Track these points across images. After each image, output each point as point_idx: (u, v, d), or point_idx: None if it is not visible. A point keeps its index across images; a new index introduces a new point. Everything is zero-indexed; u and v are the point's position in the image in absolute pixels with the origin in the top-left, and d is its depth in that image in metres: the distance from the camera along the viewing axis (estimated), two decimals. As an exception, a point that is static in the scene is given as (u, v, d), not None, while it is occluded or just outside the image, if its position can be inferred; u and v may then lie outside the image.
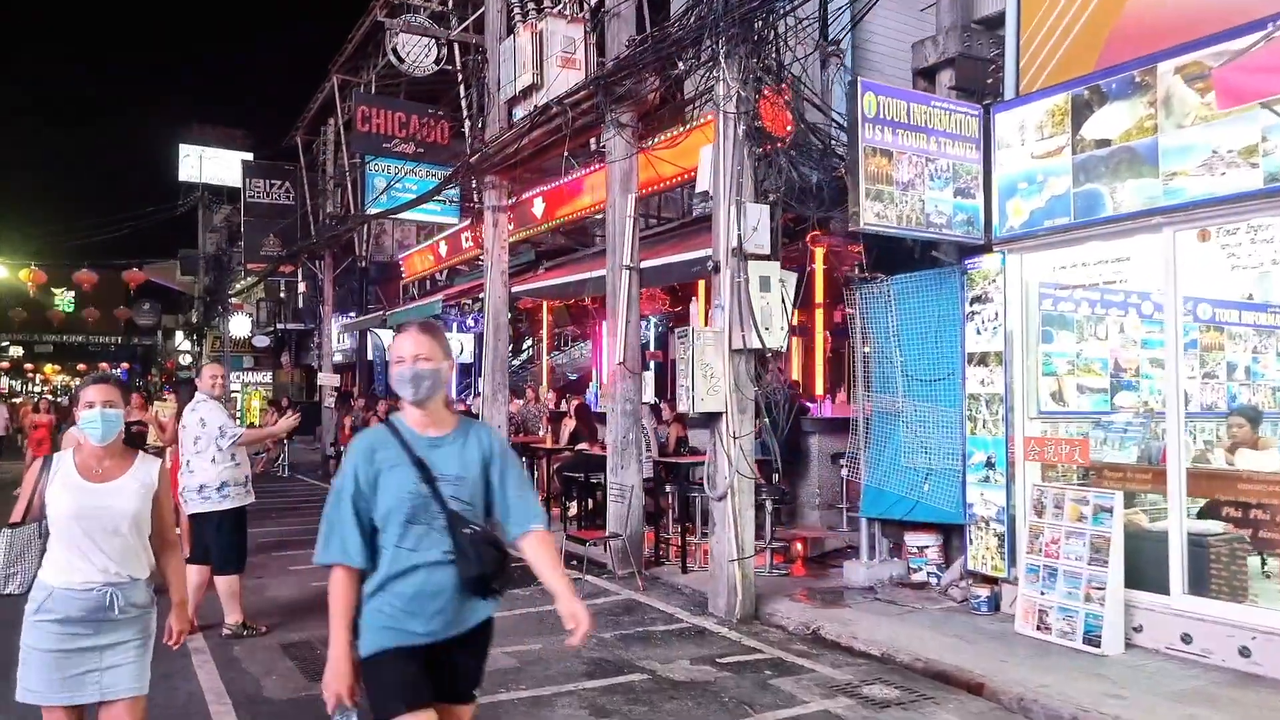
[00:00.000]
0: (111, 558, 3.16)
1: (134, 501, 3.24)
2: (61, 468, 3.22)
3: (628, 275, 8.63)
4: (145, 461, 3.35)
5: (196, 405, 6.56)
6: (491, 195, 11.40)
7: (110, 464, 3.25)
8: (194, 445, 6.44)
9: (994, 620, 6.68)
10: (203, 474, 6.42)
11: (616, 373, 8.70)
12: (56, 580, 3.13)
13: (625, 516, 8.43)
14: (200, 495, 6.42)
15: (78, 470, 3.21)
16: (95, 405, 3.21)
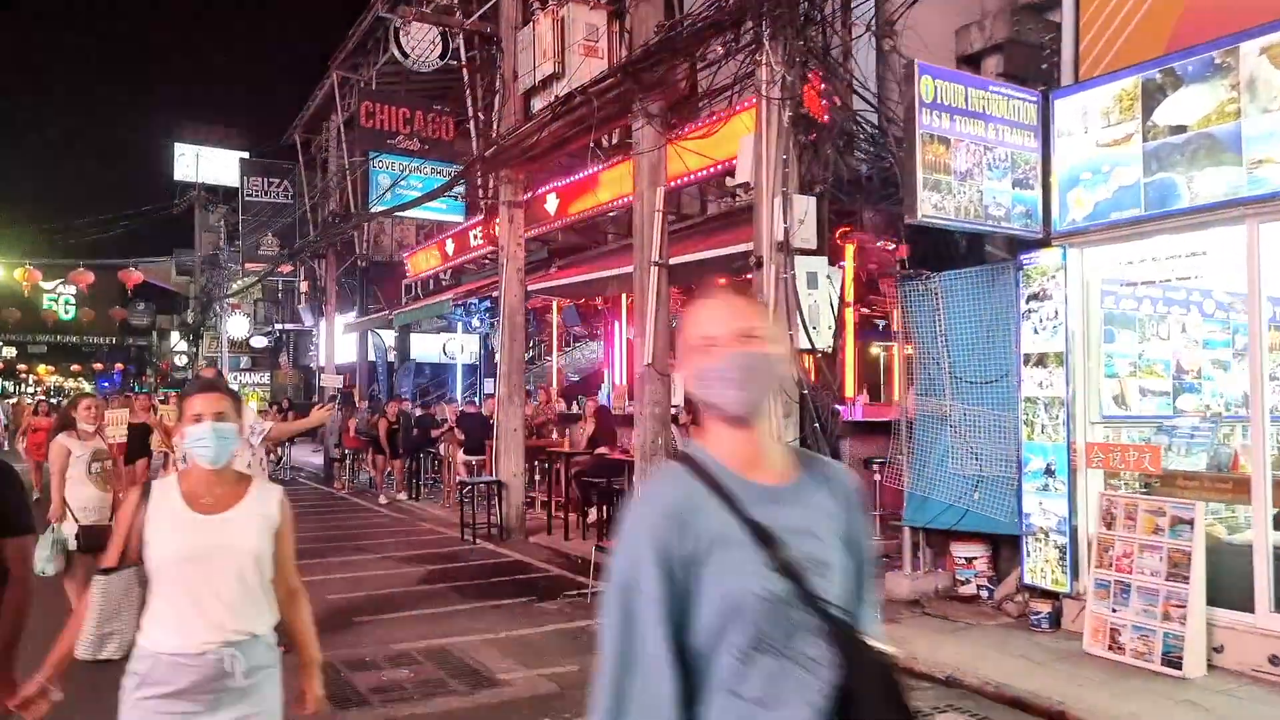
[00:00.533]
0: (231, 610, 2.52)
1: (256, 538, 2.59)
2: (164, 498, 2.59)
3: (656, 272, 8.23)
4: (263, 488, 2.72)
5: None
6: (506, 190, 10.98)
7: (222, 492, 2.62)
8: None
9: (1057, 638, 6.28)
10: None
11: (644, 375, 8.30)
12: (163, 643, 2.48)
13: (655, 525, 8.01)
14: None
15: (184, 500, 2.59)
16: (204, 419, 2.57)
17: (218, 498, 2.60)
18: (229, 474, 2.64)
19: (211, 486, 2.60)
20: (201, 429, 2.56)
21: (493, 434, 13.38)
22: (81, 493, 6.74)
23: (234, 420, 2.62)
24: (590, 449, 10.82)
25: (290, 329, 33.82)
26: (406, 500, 14.66)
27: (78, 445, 6.79)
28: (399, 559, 9.60)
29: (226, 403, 2.63)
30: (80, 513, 6.70)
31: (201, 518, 2.55)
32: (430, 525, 12.09)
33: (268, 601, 2.62)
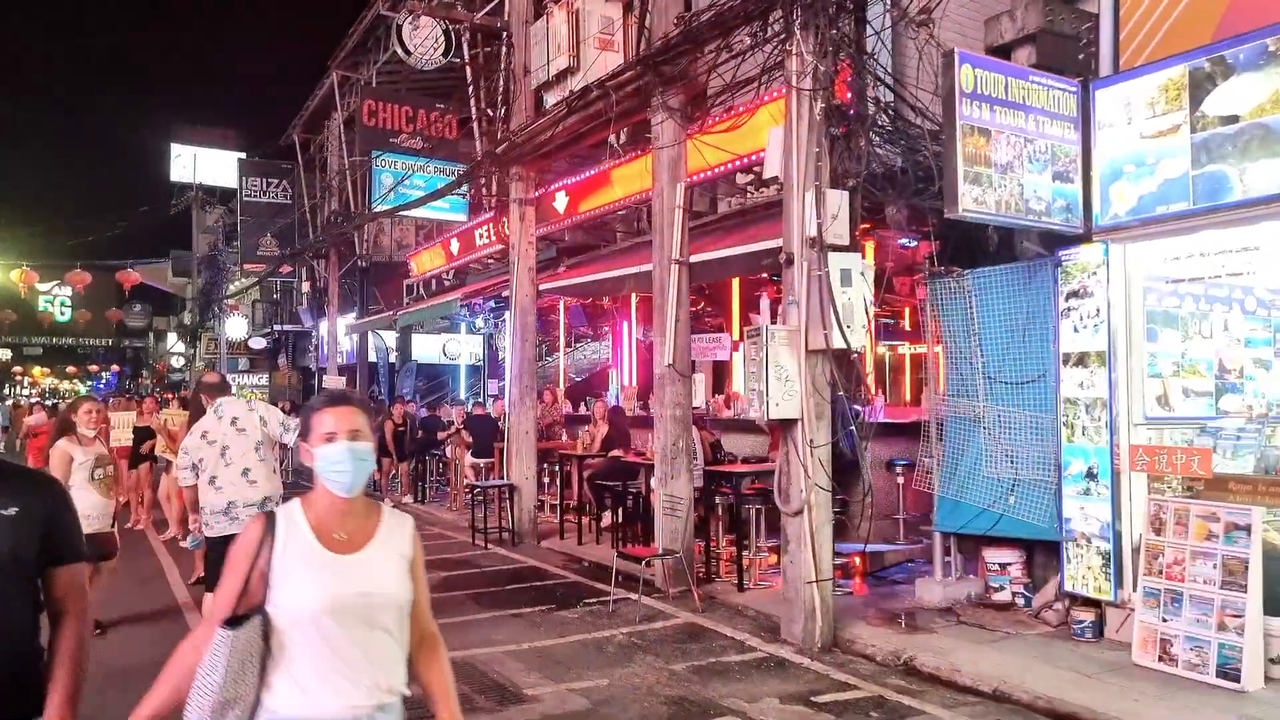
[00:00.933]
0: (380, 668, 2.13)
1: (398, 582, 2.18)
2: (292, 532, 2.14)
3: (677, 270, 7.99)
4: (393, 519, 2.29)
5: (252, 404, 5.96)
6: (517, 188, 10.74)
7: (356, 525, 2.20)
8: (257, 452, 5.78)
9: (1102, 648, 6.06)
10: (268, 484, 5.77)
11: (664, 376, 8.06)
12: (302, 709, 2.06)
13: (678, 531, 7.79)
14: (227, 516, 5.75)
15: (315, 534, 2.16)
16: (338, 438, 2.16)
17: (352, 532, 2.18)
18: (360, 502, 2.21)
19: (344, 518, 2.18)
20: (336, 451, 2.14)
21: (501, 436, 13.16)
22: (84, 500, 6.51)
23: (370, 438, 2.22)
24: (603, 451, 10.58)
25: (289, 330, 33.53)
26: (412, 503, 14.40)
27: (80, 451, 6.56)
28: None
29: (361, 418, 2.22)
30: (83, 520, 6.42)
31: (338, 558, 2.13)
32: (439, 529, 11.84)
33: (405, 654, 2.23)
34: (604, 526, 10.32)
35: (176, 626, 7.03)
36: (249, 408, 5.94)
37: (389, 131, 18.55)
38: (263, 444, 5.80)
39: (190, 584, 8.26)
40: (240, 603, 2.08)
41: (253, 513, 5.67)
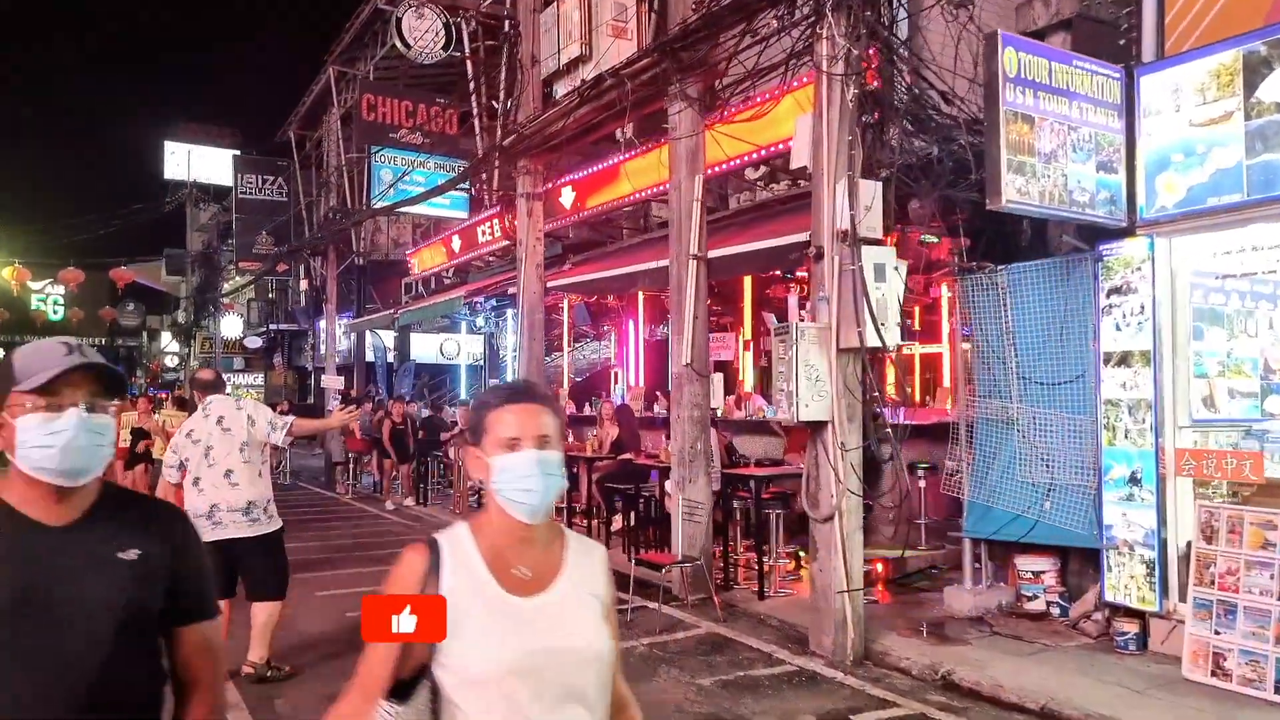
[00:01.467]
0: None
1: (595, 631, 1.69)
2: (464, 569, 1.65)
3: (695, 266, 7.70)
4: (581, 548, 1.78)
5: (241, 404, 5.65)
6: (525, 182, 10.44)
7: (537, 557, 1.71)
8: (242, 453, 5.46)
9: (1147, 661, 5.78)
10: (251, 488, 5.45)
11: (682, 375, 7.77)
12: None
13: (697, 537, 7.49)
14: (247, 517, 5.43)
15: (491, 572, 1.66)
16: (523, 444, 1.66)
17: (535, 566, 1.68)
18: (541, 528, 1.71)
19: (526, 549, 1.69)
20: (522, 463, 1.64)
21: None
22: None
23: (561, 446, 1.72)
24: (613, 453, 10.29)
25: (285, 329, 33.23)
26: (414, 506, 14.09)
27: None
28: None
29: (551, 419, 1.70)
30: None
31: (523, 602, 1.63)
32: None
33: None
34: (615, 530, 10.03)
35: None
36: (237, 406, 5.62)
37: (388, 126, 18.26)
38: (249, 445, 5.47)
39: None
40: (402, 664, 1.60)
41: (237, 518, 5.38)
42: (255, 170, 30.61)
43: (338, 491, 16.28)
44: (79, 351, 1.65)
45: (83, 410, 1.62)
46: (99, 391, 1.66)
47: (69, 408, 1.61)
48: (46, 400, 1.60)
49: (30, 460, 1.60)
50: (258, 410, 5.71)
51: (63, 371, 1.61)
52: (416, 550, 1.67)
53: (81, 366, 1.63)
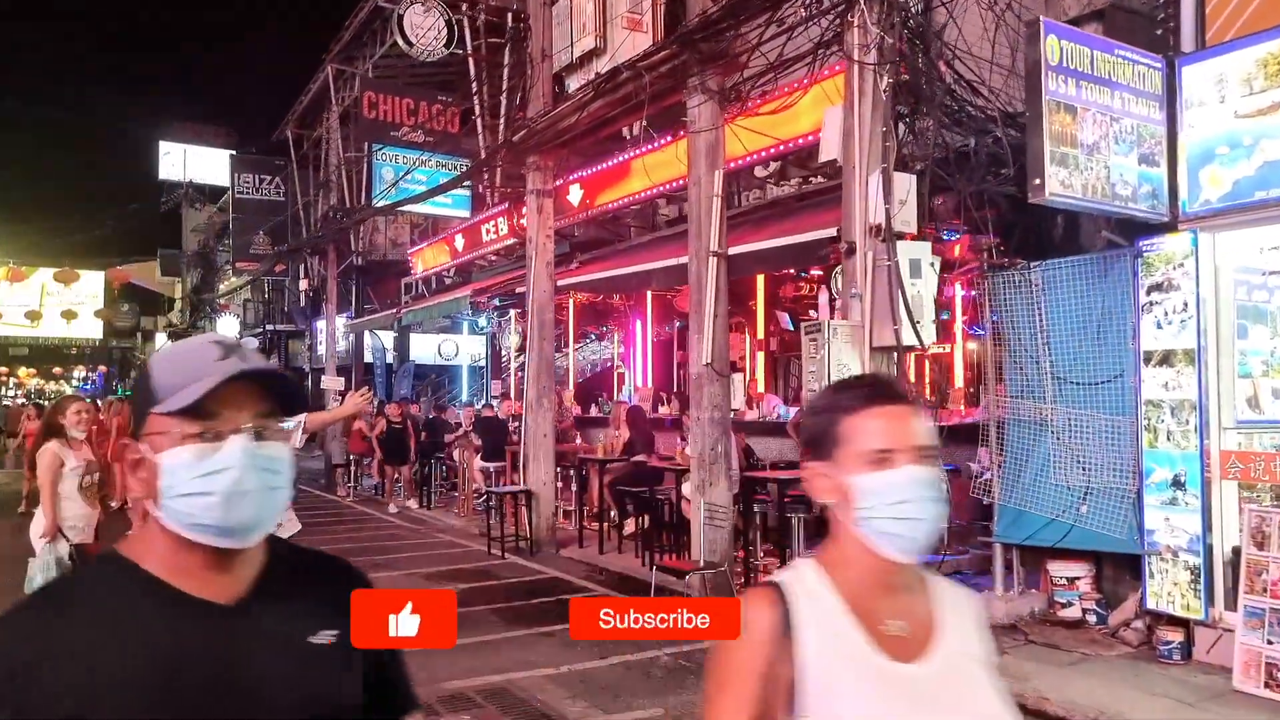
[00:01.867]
0: None
1: (998, 707, 1.32)
2: (822, 621, 1.29)
3: (715, 263, 7.49)
4: (950, 593, 1.41)
5: None
6: (535, 178, 10.21)
7: (908, 605, 1.34)
8: None
9: (1194, 671, 5.58)
10: None
11: (702, 376, 7.55)
12: None
13: (718, 542, 7.29)
14: None
15: (862, 630, 1.29)
16: (899, 459, 1.30)
17: (909, 617, 1.30)
18: (909, 569, 1.35)
19: (895, 597, 1.32)
20: (903, 482, 1.27)
21: (512, 439, 12.63)
22: (71, 509, 6.02)
23: (939, 461, 1.35)
24: (625, 455, 10.07)
25: (281, 330, 32.91)
26: (418, 509, 13.85)
27: (70, 456, 6.03)
28: (426, 576, 8.81)
29: (929, 428, 1.34)
30: (70, 531, 5.95)
31: (906, 671, 1.25)
32: (450, 537, 11.30)
33: None
34: (627, 534, 9.81)
35: None
36: None
37: (389, 124, 18.01)
38: None
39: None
40: None
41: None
42: (252, 170, 30.40)
43: (338, 494, 16.03)
44: (238, 354, 1.17)
45: (249, 438, 1.13)
46: (268, 410, 1.17)
47: (230, 436, 1.12)
48: (201, 426, 1.12)
49: (181, 514, 1.11)
50: None
51: (220, 383, 1.12)
52: (759, 601, 1.26)
53: (244, 375, 1.14)
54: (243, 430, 1.13)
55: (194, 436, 1.12)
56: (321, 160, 27.44)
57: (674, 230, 11.29)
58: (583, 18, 8.81)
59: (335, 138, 20.09)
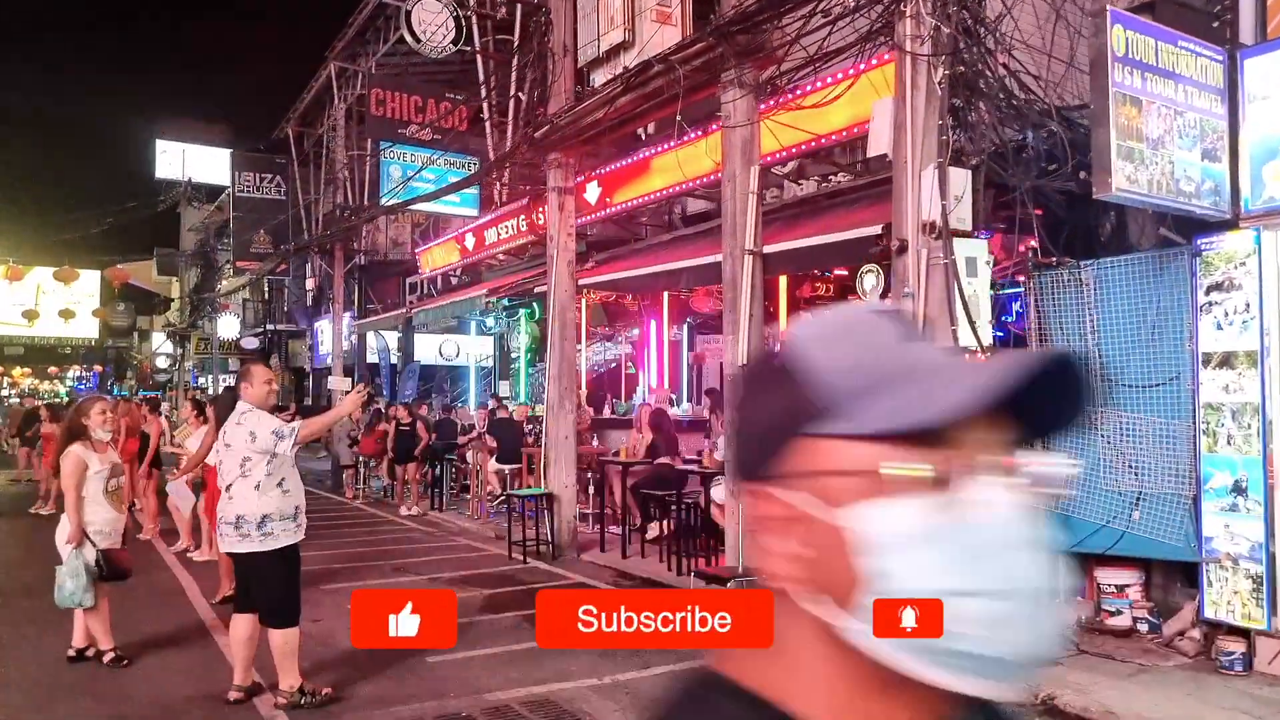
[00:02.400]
0: None
1: None
2: None
3: (750, 262, 7.30)
4: None
5: (243, 418, 5.15)
6: (556, 175, 10.02)
7: None
8: (241, 468, 5.05)
9: (1258, 683, 5.40)
10: (243, 502, 5.04)
11: (737, 378, 7.36)
12: None
13: (753, 547, 7.09)
14: (237, 531, 5.03)
15: None
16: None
17: None
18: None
19: None
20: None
21: (528, 441, 12.44)
22: (98, 514, 5.85)
23: None
24: (648, 458, 9.88)
25: (282, 330, 32.67)
26: (428, 511, 13.63)
27: (95, 459, 5.85)
28: (449, 581, 8.60)
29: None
30: (96, 536, 5.76)
31: None
32: (467, 541, 11.09)
33: None
34: (650, 539, 9.61)
35: (208, 652, 6.28)
36: (236, 421, 5.14)
37: (398, 122, 17.80)
38: (250, 460, 5.03)
39: (215, 602, 7.49)
40: None
41: (227, 530, 5.07)
42: (253, 168, 30.13)
43: (346, 496, 15.81)
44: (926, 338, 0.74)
45: (1015, 486, 0.64)
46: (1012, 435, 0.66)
47: (984, 480, 0.63)
48: (934, 460, 0.62)
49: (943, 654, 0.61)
50: (260, 423, 5.13)
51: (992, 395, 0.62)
52: None
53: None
54: (999, 470, 0.64)
55: (920, 482, 0.61)
56: (323, 159, 27.29)
57: (696, 229, 11.13)
58: (610, 10, 8.62)
59: (340, 134, 19.85)
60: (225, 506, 5.12)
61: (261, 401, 5.25)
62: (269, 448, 5.03)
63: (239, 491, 5.07)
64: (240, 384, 5.37)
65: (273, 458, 5.09)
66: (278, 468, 5.13)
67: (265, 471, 5.08)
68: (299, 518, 5.24)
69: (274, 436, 5.04)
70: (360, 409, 11.83)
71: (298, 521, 5.22)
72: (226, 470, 5.14)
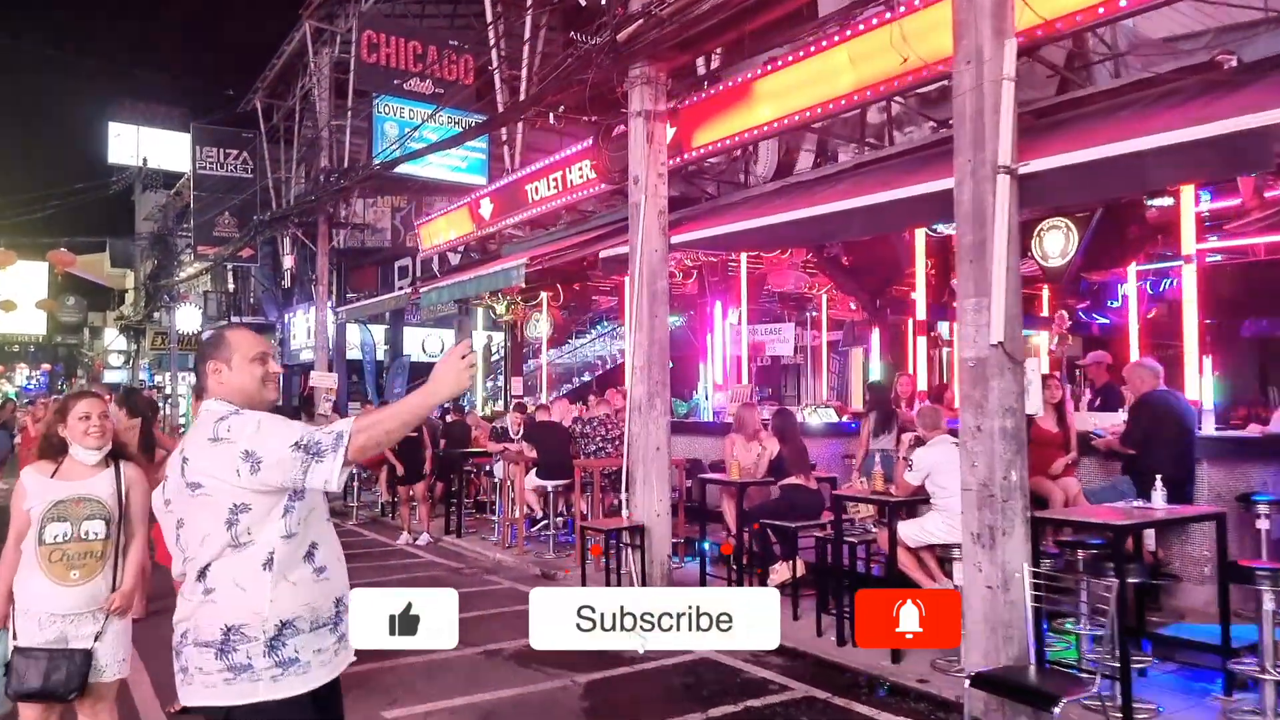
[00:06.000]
0: None
1: None
2: None
3: (1005, 185, 4.80)
4: None
5: (224, 429, 2.44)
6: (643, 95, 7.41)
7: None
8: (228, 531, 2.35)
9: None
10: (234, 601, 2.36)
11: (987, 363, 4.83)
12: None
13: (1014, 625, 4.58)
14: (223, 661, 2.33)
15: None
16: None
17: None
18: None
19: None
20: None
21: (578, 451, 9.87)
22: (32, 588, 3.35)
23: None
24: (772, 477, 7.33)
25: (249, 323, 29.70)
26: (443, 537, 10.94)
27: (53, 491, 3.28)
28: (513, 655, 5.98)
29: None
30: (22, 623, 3.26)
31: None
32: (508, 583, 8.42)
33: None
34: (778, 584, 7.03)
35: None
36: (209, 437, 2.41)
37: (394, 71, 15.09)
38: (248, 510, 2.36)
39: (172, 713, 4.83)
40: None
41: (248, 657, 2.38)
42: (216, 142, 27.25)
43: (338, 517, 13.06)
44: None
45: None
46: None
47: None
48: None
49: None
50: (263, 432, 2.45)
51: None
52: None
53: None
54: None
55: None
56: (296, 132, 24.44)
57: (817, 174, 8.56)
58: None
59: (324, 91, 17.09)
60: (195, 613, 2.43)
61: (254, 395, 2.57)
62: (289, 478, 2.35)
63: (225, 578, 2.39)
64: (206, 367, 2.64)
65: (294, 499, 2.44)
66: (304, 520, 2.48)
67: (282, 531, 2.41)
68: (341, 622, 2.58)
69: (299, 455, 2.35)
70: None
71: (339, 632, 2.56)
72: (190, 541, 2.45)
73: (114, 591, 3.35)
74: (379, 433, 2.42)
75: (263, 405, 2.60)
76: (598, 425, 10.38)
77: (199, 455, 2.42)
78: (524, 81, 14.98)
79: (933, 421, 5.60)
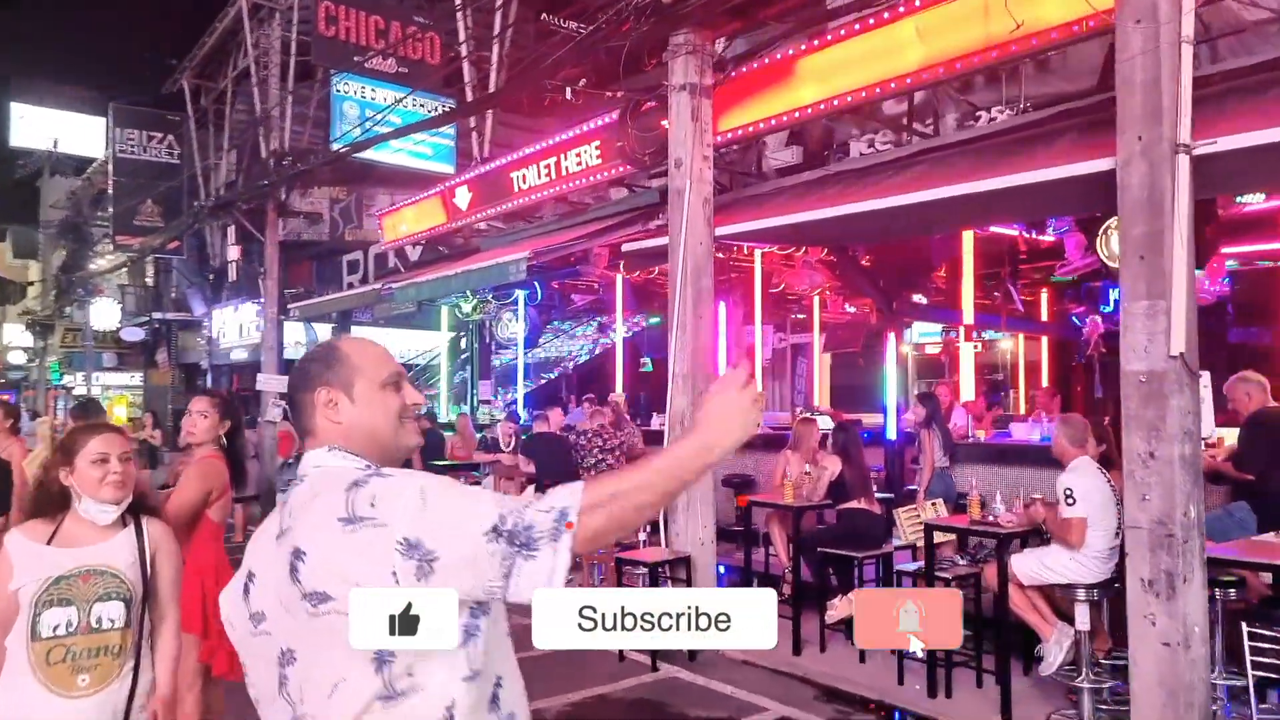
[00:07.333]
0: None
1: None
2: None
3: (1185, 166, 4.08)
4: None
5: (344, 502, 1.45)
6: (687, 67, 6.52)
7: None
8: (379, 673, 1.35)
9: None
10: None
11: (1163, 377, 4.09)
12: None
13: (1196, 688, 3.86)
14: None
15: None
16: None
17: None
18: None
19: None
20: None
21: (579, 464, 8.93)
22: (22, 695, 2.22)
23: None
24: (829, 499, 6.52)
25: (170, 319, 27.79)
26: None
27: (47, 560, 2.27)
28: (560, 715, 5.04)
29: None
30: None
31: None
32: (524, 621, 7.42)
33: None
34: (832, 622, 6.23)
35: None
36: (315, 526, 1.43)
37: (354, 47, 13.89)
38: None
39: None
40: None
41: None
42: (138, 124, 25.41)
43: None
44: None
45: None
46: None
47: None
48: None
49: None
50: (426, 512, 2.29)
51: None
52: None
53: None
54: None
55: None
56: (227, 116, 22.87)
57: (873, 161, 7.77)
58: None
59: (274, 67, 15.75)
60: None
61: (387, 441, 1.60)
62: (482, 586, 1.36)
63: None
64: (313, 397, 1.61)
65: (478, 615, 1.50)
66: (485, 644, 1.53)
67: (464, 670, 1.46)
68: None
69: (499, 548, 1.34)
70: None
71: None
72: (309, 688, 1.39)
73: (134, 700, 2.33)
74: (627, 509, 1.47)
75: (401, 454, 1.65)
76: (592, 436, 9.47)
77: (322, 545, 1.43)
78: (494, 62, 13.95)
79: (1081, 437, 4.80)
